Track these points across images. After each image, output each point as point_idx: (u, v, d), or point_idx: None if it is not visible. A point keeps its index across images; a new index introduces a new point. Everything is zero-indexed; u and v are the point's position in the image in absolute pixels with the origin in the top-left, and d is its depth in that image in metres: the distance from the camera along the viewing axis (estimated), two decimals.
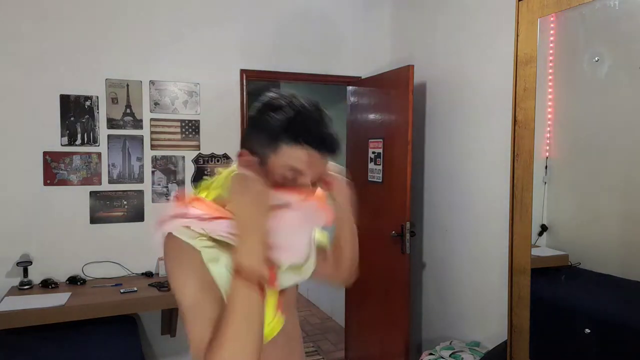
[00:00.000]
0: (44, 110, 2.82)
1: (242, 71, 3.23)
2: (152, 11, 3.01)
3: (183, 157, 3.13)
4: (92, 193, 2.93)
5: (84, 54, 2.88)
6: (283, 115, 0.88)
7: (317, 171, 0.91)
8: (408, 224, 2.92)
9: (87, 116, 2.91)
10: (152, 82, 3.04)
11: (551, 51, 1.97)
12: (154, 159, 3.07)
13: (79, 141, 2.90)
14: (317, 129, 0.89)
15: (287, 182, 0.89)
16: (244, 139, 0.95)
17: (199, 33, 3.11)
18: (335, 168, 1.02)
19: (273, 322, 0.96)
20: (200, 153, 3.17)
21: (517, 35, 1.97)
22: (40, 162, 2.82)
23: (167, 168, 3.10)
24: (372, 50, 3.56)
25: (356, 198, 1.10)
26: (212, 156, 3.20)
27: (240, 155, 0.95)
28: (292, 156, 0.88)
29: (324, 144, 0.89)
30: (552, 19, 1.93)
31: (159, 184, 3.08)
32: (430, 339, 3.08)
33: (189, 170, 3.15)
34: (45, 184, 2.84)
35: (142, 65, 3.01)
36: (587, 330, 1.82)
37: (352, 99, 3.58)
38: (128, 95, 2.99)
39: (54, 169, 2.85)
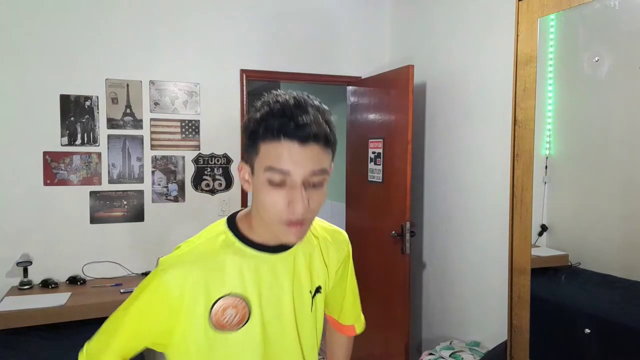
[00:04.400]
0: (44, 110, 2.82)
1: (242, 71, 3.23)
2: (152, 11, 3.01)
3: (183, 157, 3.13)
4: (92, 193, 2.93)
5: (84, 54, 2.88)
6: (259, 113, 0.83)
7: (304, 167, 0.81)
8: (408, 224, 2.92)
9: (87, 116, 2.91)
10: (152, 82, 3.04)
11: (551, 51, 1.97)
12: (154, 159, 3.07)
13: (79, 141, 2.90)
14: (293, 117, 0.79)
15: (277, 187, 0.82)
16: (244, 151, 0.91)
17: (199, 33, 3.11)
18: None
19: None
20: (200, 153, 3.17)
21: (517, 35, 1.97)
22: (40, 162, 2.82)
23: (167, 168, 3.10)
24: (372, 50, 3.56)
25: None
26: (212, 156, 3.20)
27: (239, 169, 0.92)
28: (270, 154, 0.81)
29: (302, 131, 0.79)
30: (552, 19, 1.93)
31: (159, 184, 3.08)
32: (430, 339, 3.08)
33: (189, 170, 3.15)
34: (45, 184, 2.84)
35: (142, 65, 3.01)
36: (587, 330, 1.82)
37: (352, 99, 3.58)
38: (128, 95, 2.99)
39: (54, 169, 2.85)
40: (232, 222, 0.97)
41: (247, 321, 0.92)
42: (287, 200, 0.82)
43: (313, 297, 1.02)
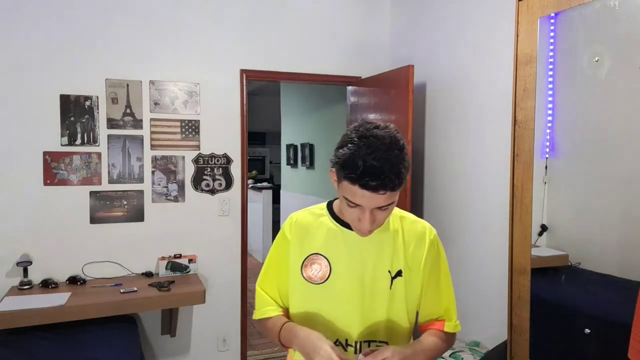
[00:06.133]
0: (44, 110, 2.82)
1: (242, 71, 3.23)
2: (152, 11, 3.01)
3: (183, 157, 3.13)
4: (92, 193, 2.93)
5: (84, 54, 2.88)
6: (344, 153, 1.00)
7: (373, 204, 1.01)
8: None
9: (87, 116, 2.91)
10: (152, 82, 3.04)
11: (551, 51, 1.97)
12: (154, 159, 3.07)
13: (79, 141, 2.90)
14: (364, 168, 0.96)
15: (351, 206, 1.05)
16: (335, 157, 1.05)
17: (199, 33, 3.11)
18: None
19: None
20: (200, 153, 3.17)
21: (517, 35, 1.97)
22: (40, 162, 2.82)
23: (167, 168, 3.10)
24: (372, 50, 3.56)
25: None
26: (212, 156, 3.20)
27: (330, 172, 1.11)
28: (346, 190, 1.02)
29: (375, 188, 0.97)
30: (552, 19, 1.93)
31: (159, 184, 3.08)
32: None
33: (189, 170, 3.15)
34: (45, 184, 2.84)
35: (142, 65, 3.01)
36: (587, 330, 1.82)
37: (352, 99, 3.58)
38: (128, 95, 2.99)
39: (54, 169, 2.85)
40: (329, 204, 1.25)
41: (327, 279, 1.17)
42: (357, 217, 1.06)
43: (393, 277, 1.18)
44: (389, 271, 1.18)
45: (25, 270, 2.72)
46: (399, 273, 1.18)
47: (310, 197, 5.76)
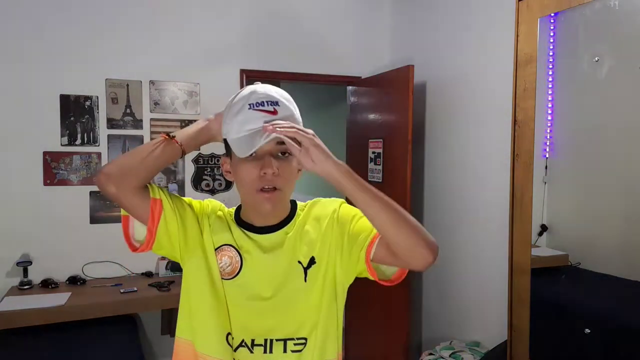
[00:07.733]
0: (44, 110, 2.82)
1: (242, 71, 3.23)
2: (152, 11, 3.01)
3: (183, 157, 3.13)
4: (92, 193, 2.93)
5: (84, 54, 2.88)
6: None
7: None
8: None
9: (87, 116, 2.91)
10: (152, 82, 3.04)
11: (551, 51, 1.97)
12: None
13: (79, 141, 2.90)
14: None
15: (250, 160, 0.98)
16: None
17: (199, 33, 3.11)
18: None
19: None
20: (200, 153, 3.17)
21: (517, 35, 1.98)
22: (40, 162, 2.82)
23: (167, 168, 3.10)
24: (372, 50, 3.56)
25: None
26: (212, 156, 3.20)
27: (221, 164, 1.10)
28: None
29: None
30: (552, 19, 1.93)
31: (159, 184, 3.07)
32: (430, 339, 3.08)
33: (189, 170, 3.15)
34: (45, 184, 2.83)
35: (142, 65, 3.00)
36: (587, 330, 1.82)
37: (352, 99, 3.58)
38: (128, 95, 2.99)
39: (54, 169, 2.85)
40: (237, 210, 1.14)
41: (237, 274, 1.04)
42: (259, 168, 0.97)
43: (306, 268, 1.05)
44: (299, 262, 1.04)
45: (25, 270, 2.72)
46: (312, 261, 1.05)
47: (310, 197, 5.76)
